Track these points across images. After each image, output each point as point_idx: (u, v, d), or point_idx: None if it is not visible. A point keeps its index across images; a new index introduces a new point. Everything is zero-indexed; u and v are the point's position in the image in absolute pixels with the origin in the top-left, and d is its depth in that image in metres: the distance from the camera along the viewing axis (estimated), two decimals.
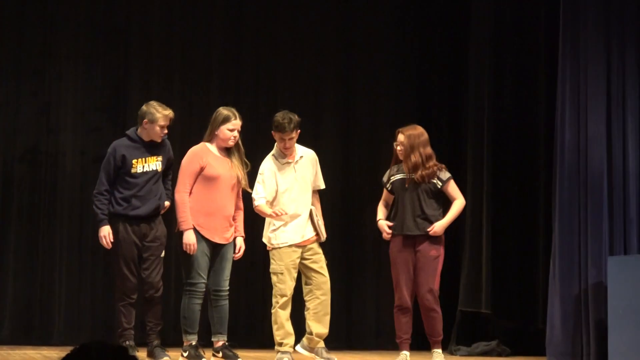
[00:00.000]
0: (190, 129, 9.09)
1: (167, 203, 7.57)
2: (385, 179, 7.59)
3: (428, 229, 7.29)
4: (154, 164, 7.43)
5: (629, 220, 8.25)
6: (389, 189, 7.52)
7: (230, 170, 7.44)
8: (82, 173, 9.59)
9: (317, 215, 7.59)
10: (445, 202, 7.47)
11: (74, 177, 9.63)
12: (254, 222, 8.07)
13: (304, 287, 7.62)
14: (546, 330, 8.42)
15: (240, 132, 7.53)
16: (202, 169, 7.41)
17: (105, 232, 7.30)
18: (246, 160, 7.57)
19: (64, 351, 2.40)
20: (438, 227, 7.31)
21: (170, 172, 7.64)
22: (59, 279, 9.53)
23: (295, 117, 7.51)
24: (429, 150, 7.42)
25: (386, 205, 7.60)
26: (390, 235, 7.46)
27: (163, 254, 7.46)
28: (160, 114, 7.39)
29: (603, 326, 8.00)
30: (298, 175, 7.59)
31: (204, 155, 7.45)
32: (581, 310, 8.25)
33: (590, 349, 8.13)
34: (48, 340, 9.23)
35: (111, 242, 7.31)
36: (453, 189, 7.44)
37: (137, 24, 9.99)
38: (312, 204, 7.66)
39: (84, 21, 9.83)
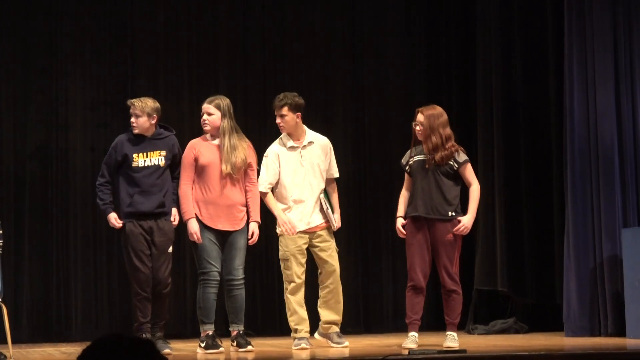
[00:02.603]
0: (199, 122, 9.12)
1: (174, 213, 7.52)
2: (404, 161, 7.54)
3: (458, 229, 7.26)
4: (156, 158, 7.50)
5: None
6: (408, 171, 7.47)
7: (220, 156, 7.48)
8: (93, 168, 9.61)
9: (326, 204, 7.60)
10: (463, 183, 7.45)
11: (85, 173, 9.66)
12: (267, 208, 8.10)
13: (318, 274, 7.69)
14: (563, 306, 8.47)
15: (229, 117, 7.55)
16: (196, 159, 7.52)
17: (112, 218, 7.46)
18: (240, 144, 7.55)
19: (83, 347, 2.43)
20: (468, 223, 7.28)
21: (179, 172, 7.63)
22: (75, 276, 9.59)
23: (292, 97, 7.62)
24: (448, 131, 7.36)
25: (408, 190, 7.50)
26: (404, 235, 7.43)
27: (171, 249, 7.50)
28: (130, 104, 7.57)
29: (619, 299, 8.06)
30: (304, 160, 7.64)
31: (197, 145, 7.59)
32: (597, 284, 8.30)
33: (608, 321, 8.18)
34: (67, 337, 9.27)
35: (119, 224, 7.43)
36: (469, 172, 7.39)
37: (141, 18, 10.02)
38: (328, 193, 7.70)
39: (88, 17, 9.86)
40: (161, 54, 10.01)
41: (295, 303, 7.53)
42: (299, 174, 7.62)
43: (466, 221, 7.28)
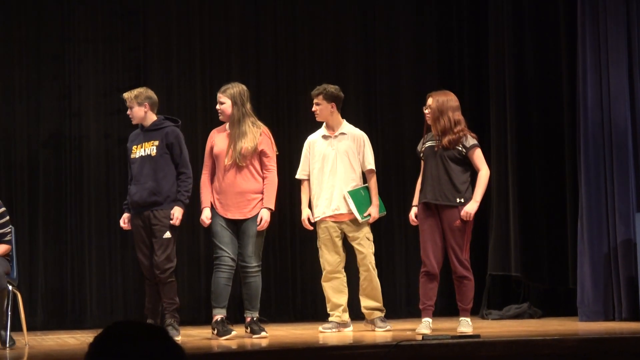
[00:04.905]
0: (212, 109, 9.08)
1: (176, 212, 7.45)
2: (418, 148, 7.54)
3: (462, 217, 7.21)
4: (149, 148, 7.56)
5: None
6: (422, 157, 7.46)
7: (229, 145, 7.50)
8: (107, 156, 9.65)
9: (349, 198, 7.75)
10: (473, 168, 7.39)
11: (99, 160, 9.72)
12: (283, 195, 8.12)
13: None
14: (577, 291, 8.47)
15: (240, 105, 7.50)
16: (212, 148, 7.60)
17: (122, 217, 7.69)
18: (250, 131, 7.50)
19: (97, 334, 2.40)
20: (471, 210, 7.20)
21: (184, 166, 7.59)
22: (89, 263, 9.66)
23: (329, 88, 7.87)
24: (458, 116, 7.32)
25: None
26: (416, 223, 7.44)
27: (167, 235, 7.50)
28: (123, 98, 7.72)
29: (634, 283, 8.05)
30: (334, 149, 7.85)
31: (214, 135, 7.67)
32: (611, 269, 8.30)
33: (622, 306, 8.18)
34: (81, 324, 9.35)
35: (124, 225, 7.68)
36: (478, 157, 7.30)
37: (154, 4, 10.02)
38: (367, 183, 7.89)
39: (100, 3, 9.88)
40: (173, 40, 10.04)
41: (329, 289, 7.84)
42: (328, 161, 7.84)
43: (469, 207, 7.21)
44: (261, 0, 10.25)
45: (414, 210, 7.45)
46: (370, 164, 7.90)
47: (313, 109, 7.89)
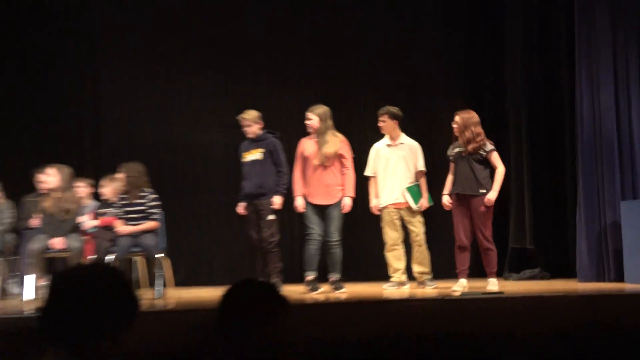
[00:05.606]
0: (302, 124, 8.53)
1: (276, 200, 7.57)
2: (448, 152, 7.56)
3: (485, 203, 7.19)
4: (257, 154, 7.75)
5: (635, 173, 8.28)
6: (452, 160, 7.56)
7: (316, 149, 7.68)
8: (228, 159, 9.45)
9: (407, 193, 7.93)
10: (492, 167, 7.36)
11: (222, 163, 9.77)
12: (362, 186, 8.23)
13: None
14: (576, 259, 8.46)
15: (324, 120, 7.63)
16: (302, 152, 7.79)
17: (238, 205, 7.83)
18: (332, 140, 7.63)
19: (224, 289, 2.56)
20: (492, 198, 7.22)
21: (281, 166, 7.69)
22: (218, 239, 9.76)
23: (392, 109, 7.98)
24: (478, 129, 7.36)
25: (452, 174, 7.48)
26: (449, 207, 7.53)
27: (271, 217, 7.60)
28: (241, 119, 7.80)
29: (619, 254, 8.06)
30: (395, 154, 8.01)
31: (303, 142, 7.85)
32: (602, 243, 8.30)
33: (611, 272, 8.20)
34: (211, 281, 9.33)
35: (242, 212, 7.80)
36: (495, 158, 7.32)
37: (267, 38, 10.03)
38: (417, 181, 8.03)
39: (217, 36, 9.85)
40: (282, 70, 9.96)
41: (390, 257, 7.98)
42: (390, 164, 8.02)
43: (490, 196, 7.23)
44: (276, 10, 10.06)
45: (446, 198, 7.48)
46: (422, 167, 8.04)
47: (379, 124, 8.00)
